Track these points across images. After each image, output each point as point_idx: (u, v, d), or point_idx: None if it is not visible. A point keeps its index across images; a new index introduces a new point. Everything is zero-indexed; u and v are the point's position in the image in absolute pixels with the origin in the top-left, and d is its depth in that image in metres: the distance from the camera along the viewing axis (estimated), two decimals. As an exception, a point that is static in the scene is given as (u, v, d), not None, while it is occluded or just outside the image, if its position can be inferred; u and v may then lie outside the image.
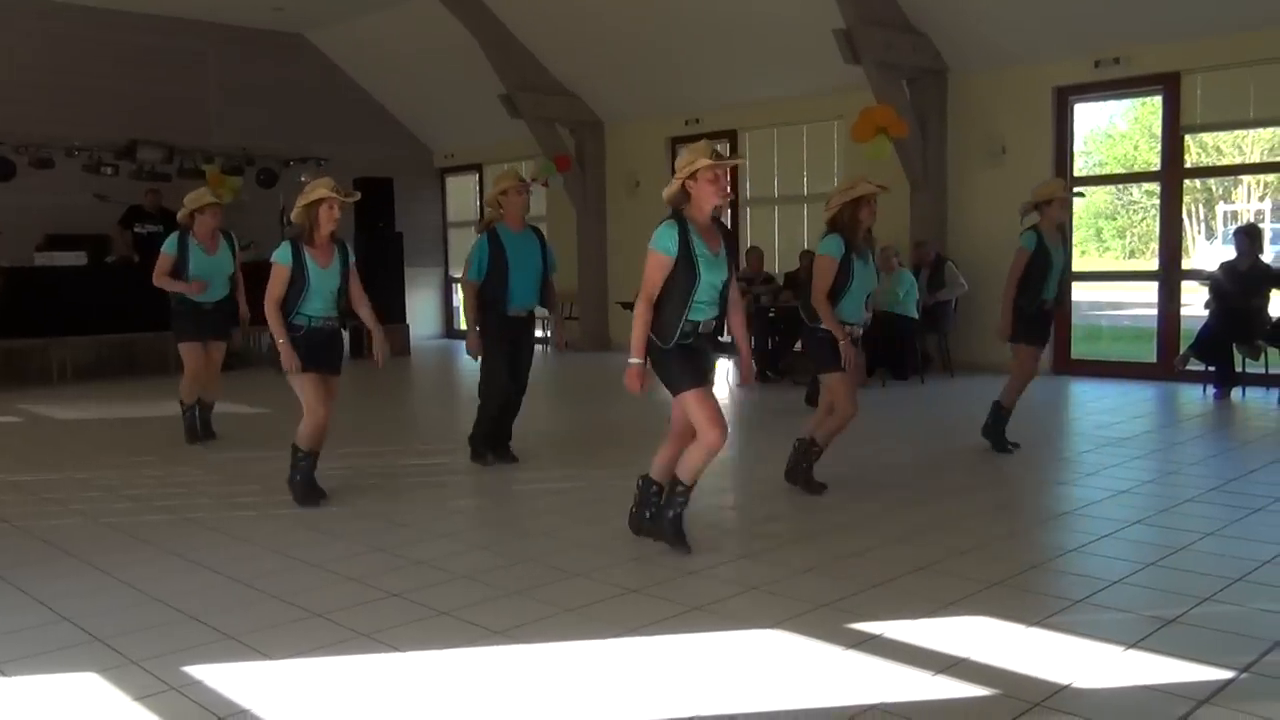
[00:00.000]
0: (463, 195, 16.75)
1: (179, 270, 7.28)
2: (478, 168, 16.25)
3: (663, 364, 4.49)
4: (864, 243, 5.52)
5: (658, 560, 4.51)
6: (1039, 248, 6.36)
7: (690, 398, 4.43)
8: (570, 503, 5.69)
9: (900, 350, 10.19)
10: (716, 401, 4.47)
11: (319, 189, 5.45)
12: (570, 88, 13.79)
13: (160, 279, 7.33)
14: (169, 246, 7.35)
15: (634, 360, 4.42)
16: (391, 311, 14.30)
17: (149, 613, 3.96)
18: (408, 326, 14.72)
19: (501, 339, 6.34)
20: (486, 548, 4.82)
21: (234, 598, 4.13)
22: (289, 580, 4.32)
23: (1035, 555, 4.63)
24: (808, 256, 11.39)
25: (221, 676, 3.31)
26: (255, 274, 7.12)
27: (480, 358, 6.44)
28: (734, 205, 13.27)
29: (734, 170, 5.15)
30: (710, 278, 4.39)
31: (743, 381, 4.93)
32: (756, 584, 4.17)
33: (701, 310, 4.45)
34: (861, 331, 5.69)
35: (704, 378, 4.52)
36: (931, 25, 10.36)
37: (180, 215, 7.35)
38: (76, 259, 11.64)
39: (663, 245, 4.36)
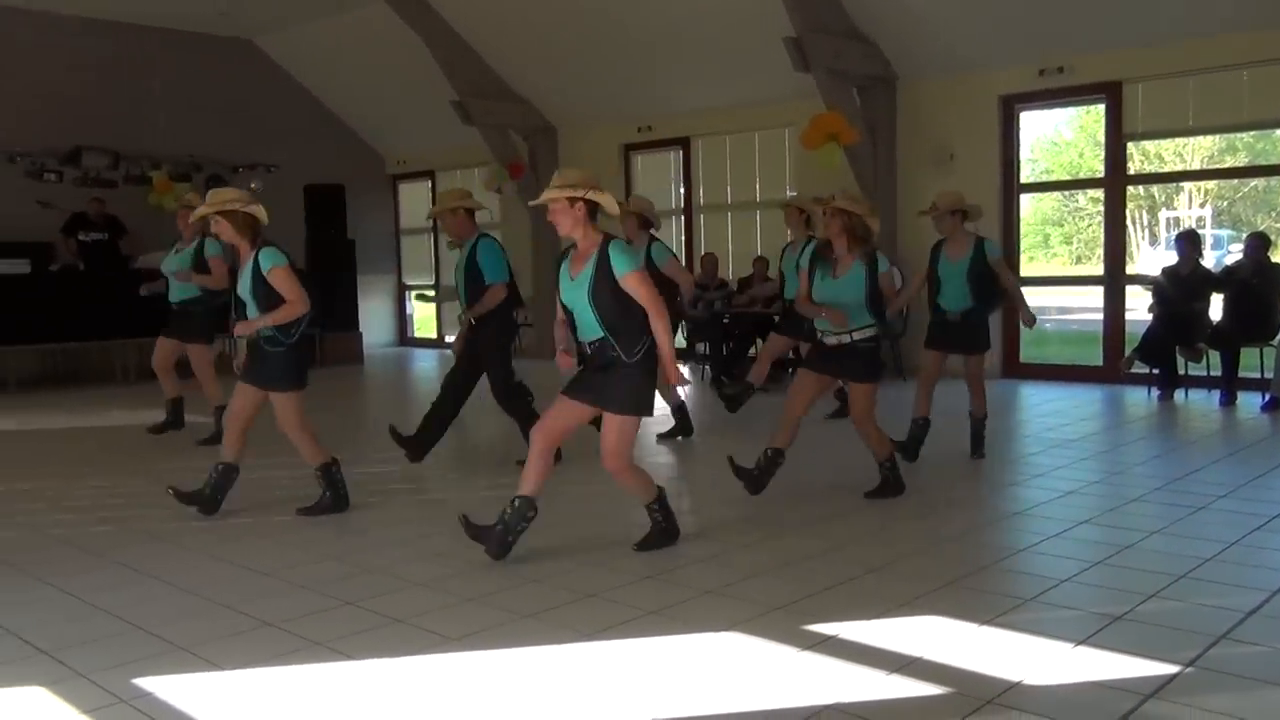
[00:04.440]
0: (415, 202, 16.63)
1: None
2: (430, 174, 16.14)
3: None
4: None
5: (613, 565, 4.51)
6: None
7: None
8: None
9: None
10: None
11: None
12: (522, 94, 13.76)
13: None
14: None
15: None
16: (345, 319, 14.21)
17: (96, 624, 3.89)
18: (361, 334, 14.62)
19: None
20: (440, 554, 4.78)
21: (183, 608, 4.07)
22: (239, 589, 4.27)
23: (986, 555, 4.69)
24: (761, 262, 11.46)
25: (172, 688, 3.26)
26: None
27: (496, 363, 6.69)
28: (688, 212, 13.32)
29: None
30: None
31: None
32: (712, 588, 4.19)
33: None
34: None
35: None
36: (880, 33, 10.48)
37: (205, 214, 6.57)
38: (19, 267, 11.43)
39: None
